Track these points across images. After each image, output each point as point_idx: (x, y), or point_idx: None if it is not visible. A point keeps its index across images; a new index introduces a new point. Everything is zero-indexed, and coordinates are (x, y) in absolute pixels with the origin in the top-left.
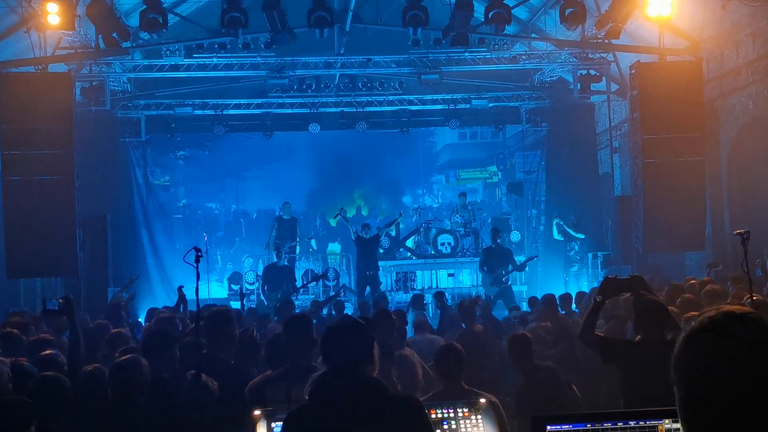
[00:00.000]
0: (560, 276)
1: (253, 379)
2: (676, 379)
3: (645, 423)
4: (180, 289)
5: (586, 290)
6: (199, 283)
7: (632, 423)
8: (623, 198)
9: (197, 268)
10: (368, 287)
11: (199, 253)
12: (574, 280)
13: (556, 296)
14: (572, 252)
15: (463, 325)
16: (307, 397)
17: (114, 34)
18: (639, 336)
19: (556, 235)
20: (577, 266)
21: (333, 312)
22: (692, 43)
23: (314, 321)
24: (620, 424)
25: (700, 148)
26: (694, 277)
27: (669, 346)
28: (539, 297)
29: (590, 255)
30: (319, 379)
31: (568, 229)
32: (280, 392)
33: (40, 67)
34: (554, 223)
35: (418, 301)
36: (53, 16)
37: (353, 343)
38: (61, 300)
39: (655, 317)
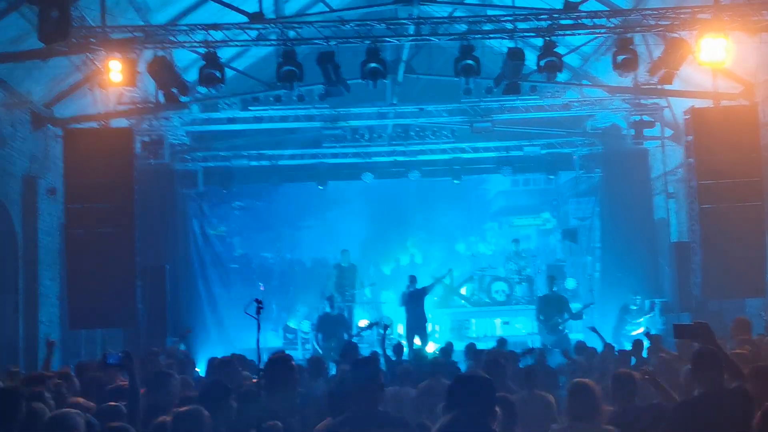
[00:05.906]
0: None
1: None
2: None
3: None
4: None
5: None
6: (259, 334)
7: None
8: (680, 244)
9: (258, 319)
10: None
11: (260, 305)
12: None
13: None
14: (635, 307)
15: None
16: None
17: (173, 89)
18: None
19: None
20: (645, 319)
21: (393, 357)
22: (746, 86)
23: None
24: None
25: (759, 193)
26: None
27: (730, 396)
28: (592, 345)
29: (648, 302)
30: (446, 427)
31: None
32: None
33: (102, 123)
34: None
35: (471, 351)
36: (115, 73)
37: (480, 394)
38: (121, 354)
39: (711, 365)
